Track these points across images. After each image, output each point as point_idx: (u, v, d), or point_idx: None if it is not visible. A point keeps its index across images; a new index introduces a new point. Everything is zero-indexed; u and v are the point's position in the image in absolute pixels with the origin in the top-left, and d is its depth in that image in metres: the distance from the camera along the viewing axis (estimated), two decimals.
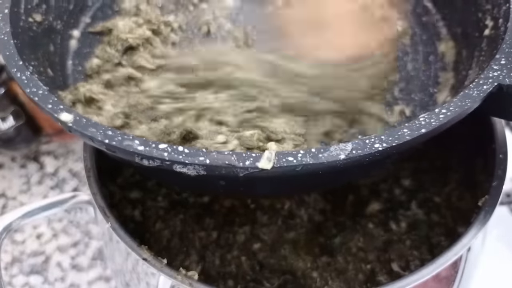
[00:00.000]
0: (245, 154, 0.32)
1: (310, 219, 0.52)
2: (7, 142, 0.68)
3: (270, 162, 0.31)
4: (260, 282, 0.48)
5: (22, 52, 0.39)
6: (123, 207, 0.51)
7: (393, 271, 0.48)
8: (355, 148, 0.32)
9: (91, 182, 0.45)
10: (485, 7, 0.45)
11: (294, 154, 0.32)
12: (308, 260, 0.49)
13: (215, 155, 0.32)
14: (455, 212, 0.51)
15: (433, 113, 0.35)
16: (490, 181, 0.44)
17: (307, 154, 0.32)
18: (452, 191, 0.53)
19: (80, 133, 0.34)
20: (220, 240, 0.51)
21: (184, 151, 0.32)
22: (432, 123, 0.34)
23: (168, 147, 0.32)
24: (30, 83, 0.37)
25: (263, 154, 0.32)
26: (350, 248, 0.49)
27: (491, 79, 0.37)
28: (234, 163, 0.32)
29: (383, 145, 0.32)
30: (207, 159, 0.32)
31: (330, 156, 0.32)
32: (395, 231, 0.51)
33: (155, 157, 0.32)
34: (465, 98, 0.36)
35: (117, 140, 0.33)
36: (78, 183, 0.69)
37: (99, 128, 0.34)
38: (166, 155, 0.32)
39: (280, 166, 0.32)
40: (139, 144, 0.32)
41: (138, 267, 0.43)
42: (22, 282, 0.61)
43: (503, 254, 0.61)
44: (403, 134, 0.33)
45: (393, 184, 0.54)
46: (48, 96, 0.36)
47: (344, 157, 0.32)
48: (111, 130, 0.33)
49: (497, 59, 0.38)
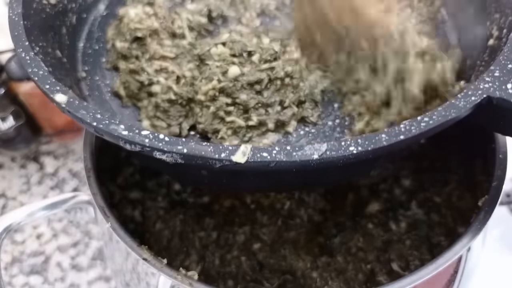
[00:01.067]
0: (221, 147, 0.33)
1: (310, 219, 0.52)
2: (7, 142, 0.68)
3: (245, 156, 0.32)
4: (260, 282, 0.48)
5: (30, 33, 0.40)
6: (123, 207, 0.51)
7: (393, 271, 0.48)
8: (330, 149, 0.32)
9: (91, 182, 0.45)
10: (493, 15, 0.45)
11: (268, 150, 0.32)
12: (308, 260, 0.49)
13: (193, 145, 0.33)
14: (455, 212, 0.51)
15: (414, 121, 0.34)
16: (490, 181, 0.44)
17: (282, 152, 0.32)
18: (452, 191, 0.53)
19: (72, 114, 0.35)
20: (220, 240, 0.51)
21: (165, 139, 0.33)
22: (412, 131, 0.33)
23: (150, 134, 0.34)
24: (32, 63, 0.38)
25: (239, 148, 0.33)
26: (350, 248, 0.49)
27: (480, 91, 0.36)
28: (209, 154, 0.33)
29: (358, 148, 0.32)
30: (184, 149, 0.33)
31: (303, 155, 0.32)
32: (395, 231, 0.51)
33: (136, 143, 0.33)
34: (450, 108, 0.35)
35: (104, 123, 0.34)
36: (78, 183, 0.69)
37: (89, 111, 0.35)
38: (147, 141, 0.33)
39: (254, 161, 0.32)
40: (123, 129, 0.34)
41: (138, 267, 0.43)
42: (22, 282, 0.61)
43: (503, 254, 0.61)
44: (380, 139, 0.33)
45: (393, 184, 0.54)
46: (47, 77, 0.37)
47: (317, 157, 0.32)
48: (100, 114, 0.35)
49: (491, 70, 0.38)
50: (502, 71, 0.38)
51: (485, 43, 0.45)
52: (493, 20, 0.45)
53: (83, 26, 0.49)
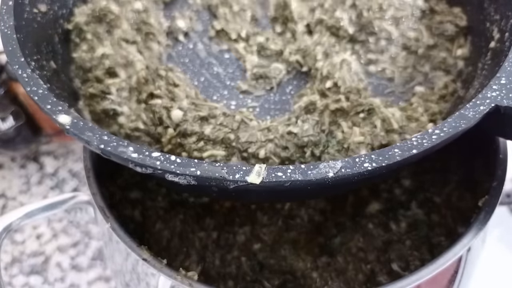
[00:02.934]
0: (235, 167, 0.32)
1: (310, 219, 0.52)
2: (7, 142, 0.68)
3: (260, 177, 0.32)
4: (260, 283, 0.48)
5: (24, 47, 0.39)
6: (123, 207, 0.51)
7: (393, 271, 0.48)
8: (345, 166, 0.32)
9: (91, 182, 0.45)
10: (493, 17, 0.45)
11: (283, 169, 0.32)
12: (308, 260, 0.49)
13: (206, 167, 0.32)
14: (455, 212, 0.51)
15: (426, 133, 0.34)
16: (490, 181, 0.44)
17: (297, 171, 0.32)
18: (452, 191, 0.53)
19: (77, 136, 0.34)
20: (220, 241, 0.51)
21: (176, 160, 0.32)
22: (424, 144, 0.34)
23: (161, 155, 0.33)
24: (30, 81, 0.37)
25: (253, 168, 0.32)
26: (350, 248, 0.49)
27: (488, 100, 0.36)
28: (224, 175, 0.32)
29: (372, 164, 0.32)
30: (198, 171, 0.32)
31: (319, 173, 0.32)
32: (395, 231, 0.51)
33: (147, 165, 0.33)
34: (460, 119, 0.35)
35: (112, 146, 0.33)
36: (78, 183, 0.69)
37: (95, 133, 0.34)
38: (159, 164, 0.32)
39: (269, 181, 0.32)
40: (133, 151, 0.33)
41: (138, 267, 0.43)
42: (22, 282, 0.61)
43: (503, 254, 0.61)
44: (393, 154, 0.33)
45: (393, 184, 0.54)
46: (47, 96, 0.36)
47: (333, 175, 0.32)
48: (107, 135, 0.34)
49: (498, 77, 0.38)
50: (508, 78, 0.38)
51: (485, 44, 0.45)
52: (493, 21, 0.45)
53: None
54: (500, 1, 0.44)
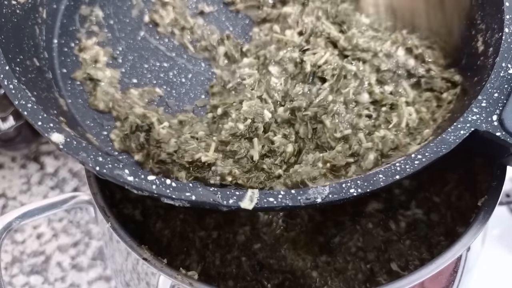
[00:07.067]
0: (229, 192, 0.34)
1: (310, 219, 0.52)
2: (7, 142, 0.68)
3: (252, 202, 0.34)
4: (260, 282, 0.48)
5: (7, 51, 0.39)
6: (123, 207, 0.51)
7: (393, 271, 0.48)
8: (332, 192, 0.35)
9: (91, 182, 0.45)
10: (478, 25, 0.45)
11: (275, 195, 0.34)
12: (308, 260, 0.49)
13: (200, 192, 0.34)
14: (454, 212, 0.51)
15: (409, 159, 0.36)
16: (490, 181, 0.44)
17: (287, 196, 0.34)
18: (452, 191, 0.53)
19: (70, 155, 0.35)
20: (220, 240, 0.51)
21: (172, 185, 0.34)
22: (406, 170, 0.36)
23: (157, 179, 0.34)
24: (18, 93, 0.37)
25: (246, 193, 0.34)
26: (349, 248, 0.50)
27: (468, 124, 0.38)
28: (218, 200, 0.34)
29: (358, 190, 0.35)
30: (192, 196, 0.34)
31: (307, 199, 0.34)
32: (394, 231, 0.51)
33: (143, 189, 0.34)
34: (441, 144, 0.37)
35: (107, 168, 0.34)
36: (78, 183, 0.69)
37: (90, 153, 0.34)
38: (154, 188, 0.33)
39: (261, 207, 0.34)
40: (129, 174, 0.34)
41: (138, 267, 0.43)
42: (22, 282, 0.61)
43: (503, 254, 0.61)
44: (377, 180, 0.35)
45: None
46: (36, 111, 0.36)
47: (321, 200, 0.34)
48: (101, 156, 0.34)
49: (479, 100, 0.39)
50: (488, 101, 0.39)
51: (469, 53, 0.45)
52: (478, 30, 0.45)
53: (55, 19, 0.48)
54: (487, 9, 0.44)
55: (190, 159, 0.41)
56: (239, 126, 0.43)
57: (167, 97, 0.47)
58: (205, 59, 0.50)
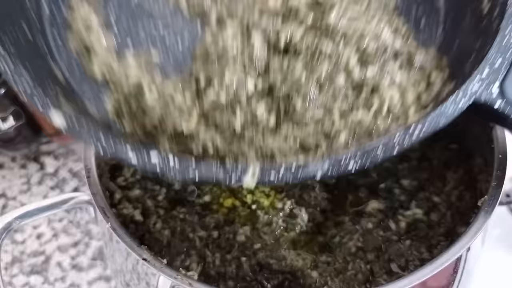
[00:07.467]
0: (231, 169, 0.35)
1: (310, 219, 0.52)
2: (7, 142, 0.68)
3: (254, 177, 0.35)
4: (260, 282, 0.48)
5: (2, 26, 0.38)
6: (123, 207, 0.51)
7: (393, 271, 0.48)
8: (331, 167, 0.35)
9: (91, 182, 0.45)
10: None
11: (276, 169, 0.35)
12: (308, 260, 0.49)
13: (203, 170, 0.34)
14: (454, 212, 0.51)
15: (407, 131, 0.36)
16: (490, 181, 0.44)
17: (288, 170, 0.35)
18: (452, 191, 0.53)
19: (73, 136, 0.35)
20: (220, 240, 0.51)
21: (175, 166, 0.34)
22: (404, 143, 0.36)
23: (160, 157, 0.34)
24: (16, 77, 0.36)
25: (249, 169, 0.34)
26: (349, 248, 0.50)
27: (468, 95, 0.37)
28: (220, 177, 0.34)
29: (356, 165, 0.35)
30: (196, 172, 0.34)
31: (307, 173, 0.35)
32: (394, 231, 0.51)
33: (147, 170, 0.34)
34: (439, 116, 0.36)
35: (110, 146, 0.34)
36: (78, 183, 0.69)
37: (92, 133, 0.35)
38: (158, 170, 0.34)
39: (263, 181, 0.35)
40: (132, 157, 0.34)
41: (138, 267, 0.43)
42: (22, 282, 0.61)
43: (503, 254, 0.61)
44: (376, 154, 0.35)
45: (392, 184, 0.54)
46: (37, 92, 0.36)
47: (321, 174, 0.35)
48: (103, 135, 0.35)
49: (481, 69, 0.38)
50: (490, 69, 0.38)
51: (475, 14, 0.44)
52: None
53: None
54: None
55: (172, 130, 0.41)
56: (221, 96, 0.43)
57: (164, 63, 0.47)
58: (199, 23, 0.49)
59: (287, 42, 0.45)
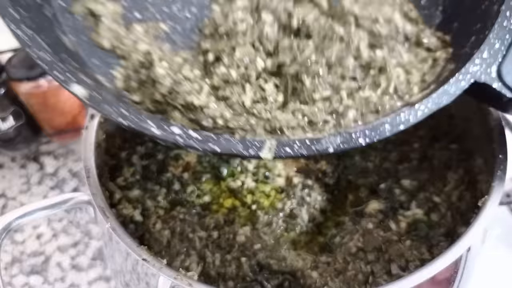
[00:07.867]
0: (249, 143, 0.37)
1: (310, 219, 0.52)
2: (7, 142, 0.69)
3: (270, 151, 0.37)
4: (260, 283, 0.48)
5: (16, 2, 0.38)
6: (123, 207, 0.51)
7: (393, 271, 0.48)
8: (343, 142, 0.38)
9: (91, 182, 0.45)
10: None
11: (291, 145, 0.37)
12: (308, 260, 0.49)
13: (223, 143, 0.36)
14: (454, 212, 0.51)
15: (412, 110, 0.38)
16: (490, 181, 0.44)
17: (303, 146, 0.37)
18: (452, 191, 0.53)
19: (95, 109, 0.36)
20: (220, 241, 0.51)
21: (198, 138, 0.36)
22: (410, 120, 0.38)
23: (182, 131, 0.36)
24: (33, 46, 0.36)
25: (265, 144, 0.37)
26: (349, 248, 0.49)
27: (469, 75, 0.39)
28: (239, 151, 0.36)
29: (366, 140, 0.38)
30: (216, 147, 0.36)
31: (321, 148, 0.37)
32: (394, 231, 0.51)
33: (170, 141, 0.36)
34: (442, 95, 0.39)
35: (132, 120, 0.35)
36: (78, 183, 0.69)
37: (114, 107, 0.35)
38: (181, 140, 0.36)
39: (279, 156, 0.37)
40: (155, 128, 0.35)
41: (138, 267, 0.43)
42: (22, 282, 0.61)
43: (503, 254, 0.61)
44: (384, 130, 0.38)
45: (393, 184, 0.54)
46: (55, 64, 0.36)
47: (333, 150, 0.38)
48: (125, 109, 0.35)
49: (481, 50, 0.40)
50: (490, 51, 0.40)
51: None
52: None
53: None
54: None
55: (182, 101, 0.42)
56: (232, 73, 0.43)
57: (172, 33, 0.47)
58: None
59: (299, 23, 0.45)
